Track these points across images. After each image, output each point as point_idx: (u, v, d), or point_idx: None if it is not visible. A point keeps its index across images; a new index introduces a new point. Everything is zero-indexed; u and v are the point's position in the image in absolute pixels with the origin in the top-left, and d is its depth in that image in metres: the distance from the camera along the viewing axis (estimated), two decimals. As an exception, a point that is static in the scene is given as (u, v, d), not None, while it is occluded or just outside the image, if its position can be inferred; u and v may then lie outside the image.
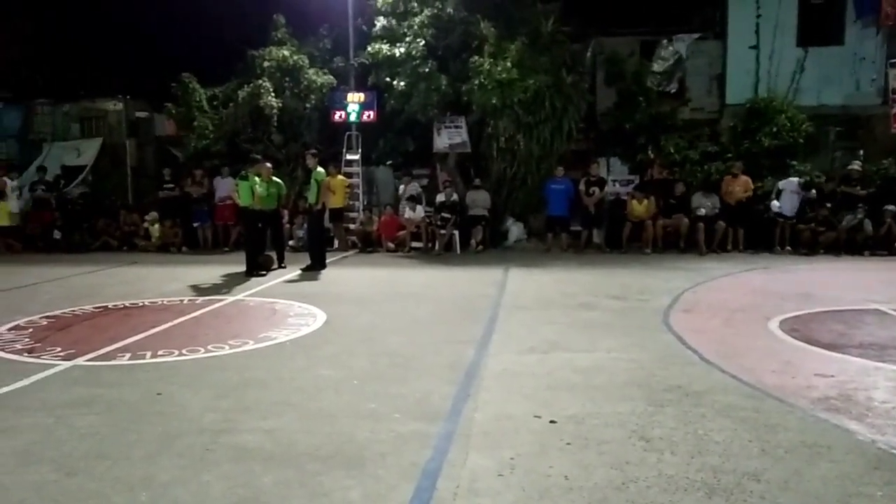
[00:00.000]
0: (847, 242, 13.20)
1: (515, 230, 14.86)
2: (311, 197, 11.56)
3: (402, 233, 14.45)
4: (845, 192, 13.54)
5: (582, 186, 13.95)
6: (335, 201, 13.52)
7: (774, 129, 14.34)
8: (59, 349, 6.19)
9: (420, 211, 14.35)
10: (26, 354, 6.04)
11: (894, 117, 14.64)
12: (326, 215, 12.85)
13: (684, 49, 15.61)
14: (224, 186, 14.60)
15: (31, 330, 7.04)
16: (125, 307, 8.32)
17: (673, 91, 15.52)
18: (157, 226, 14.83)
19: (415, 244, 14.38)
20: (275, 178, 11.65)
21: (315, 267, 11.40)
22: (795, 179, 13.57)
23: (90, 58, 19.00)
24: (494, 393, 4.86)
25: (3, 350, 6.21)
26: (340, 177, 14.16)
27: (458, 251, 13.99)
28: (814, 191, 13.51)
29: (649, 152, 15.01)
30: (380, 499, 3.25)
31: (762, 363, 5.55)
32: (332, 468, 3.59)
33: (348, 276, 11.23)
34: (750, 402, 4.59)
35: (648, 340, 6.40)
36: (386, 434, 4.06)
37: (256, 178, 11.13)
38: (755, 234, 13.64)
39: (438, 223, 14.17)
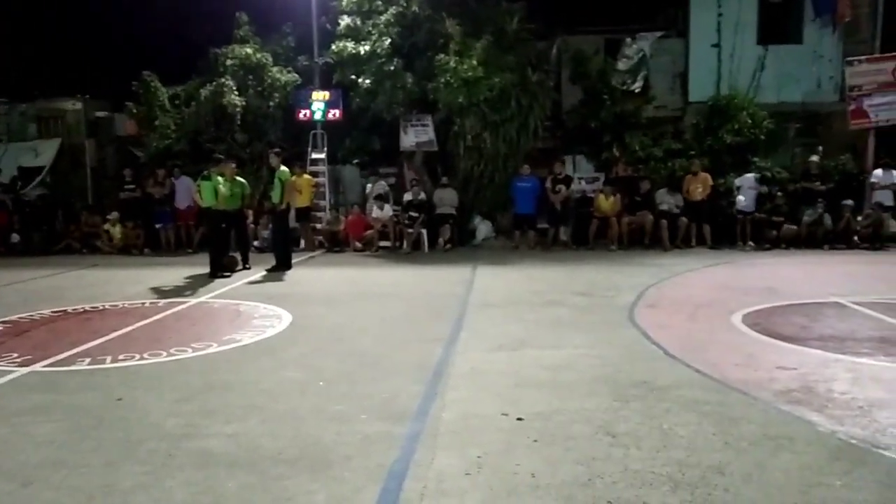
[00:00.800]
0: (807, 237, 13.48)
1: (483, 228, 14.88)
2: (276, 196, 11.40)
3: (369, 232, 14.37)
4: (805, 187, 13.82)
5: (549, 184, 14.03)
6: (301, 201, 13.41)
7: (736, 126, 14.56)
8: (15, 355, 6.02)
9: (388, 210, 14.30)
10: (-19, 361, 5.87)
11: (851, 114, 14.97)
12: (292, 215, 12.73)
13: (648, 47, 15.76)
14: (182, 187, 14.36)
15: (-14, 336, 6.85)
16: (85, 311, 8.14)
17: (637, 89, 15.66)
18: (118, 227, 14.55)
19: (382, 243, 14.32)
20: (238, 178, 11.50)
21: (280, 267, 11.28)
22: (751, 175, 13.83)
23: (47, 56, 18.57)
24: (462, 392, 4.85)
25: (-44, 357, 6.02)
26: (306, 176, 14.05)
27: (426, 250, 13.96)
28: (765, 186, 13.75)
29: (614, 150, 15.15)
30: (345, 502, 3.22)
31: (726, 357, 5.63)
32: (296, 472, 3.54)
33: (315, 276, 11.13)
34: (714, 396, 4.64)
35: (614, 336, 6.45)
36: (352, 436, 4.02)
37: (220, 178, 10.97)
38: (718, 229, 13.85)
39: (406, 222, 14.13)
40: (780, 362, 5.43)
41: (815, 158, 14.15)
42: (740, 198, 13.69)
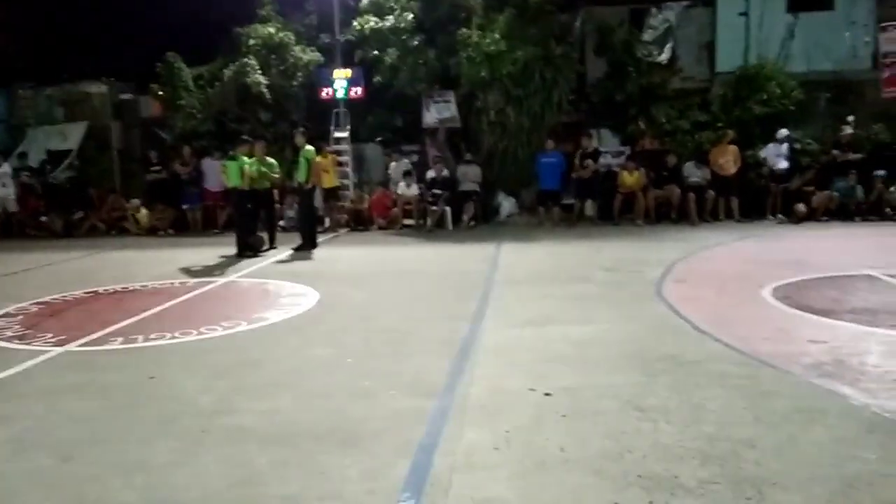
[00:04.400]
0: (839, 208, 13.23)
1: (507, 205, 14.81)
2: (301, 175, 11.44)
3: (394, 210, 14.39)
4: (838, 157, 13.53)
5: (577, 160, 13.88)
6: (329, 181, 13.43)
7: (765, 97, 14.26)
8: (50, 335, 6.15)
9: (414, 188, 14.27)
10: (17, 341, 5.99)
11: (884, 82, 14.58)
12: (318, 194, 12.77)
13: (674, 17, 15.42)
14: (210, 168, 14.45)
15: (21, 317, 6.99)
16: (116, 291, 8.27)
17: (663, 61, 15.37)
18: (143, 211, 14.70)
19: (406, 221, 14.32)
20: (269, 158, 11.57)
21: (306, 246, 11.34)
22: (772, 145, 13.56)
23: (72, 40, 18.68)
24: (489, 367, 4.86)
25: (-6, 337, 6.16)
26: (332, 155, 14.06)
27: (451, 227, 13.94)
28: (786, 145, 13.45)
29: (640, 123, 14.94)
30: (377, 476, 3.25)
31: (755, 331, 5.57)
32: (328, 447, 3.59)
33: (340, 254, 11.19)
34: (744, 370, 4.60)
35: (642, 311, 6.41)
36: (381, 411, 4.05)
37: (245, 158, 11.02)
38: (747, 202, 13.65)
39: (430, 199, 14.11)
40: (811, 336, 5.36)
41: (848, 129, 13.84)
42: (779, 159, 13.37)
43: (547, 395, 4.23)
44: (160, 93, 15.97)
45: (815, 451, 3.36)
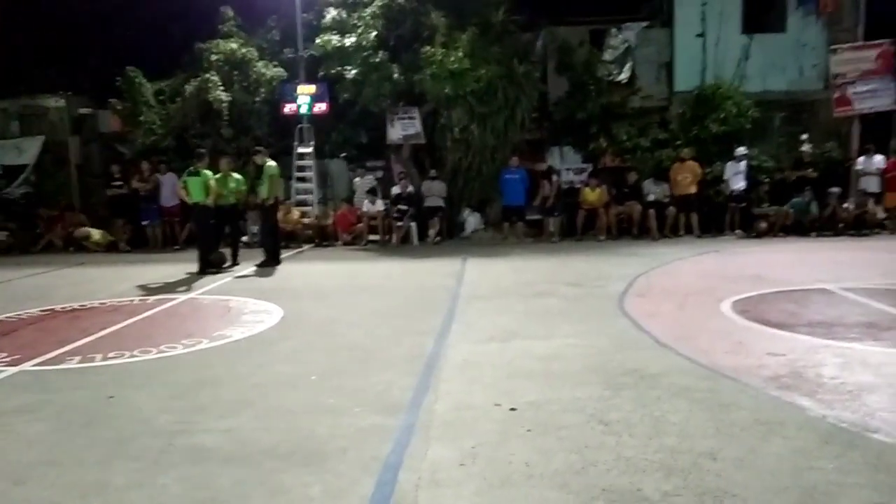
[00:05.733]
0: (794, 224, 13.58)
1: (472, 220, 14.89)
2: (265, 191, 11.36)
3: (358, 226, 14.35)
4: (799, 175, 13.88)
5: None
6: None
7: (722, 116, 14.64)
8: (4, 354, 5.97)
9: (379, 204, 14.26)
10: (-31, 361, 5.82)
11: (836, 101, 15.07)
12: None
13: (633, 38, 15.77)
14: (168, 183, 14.24)
15: (-27, 336, 6.78)
16: (74, 309, 8.08)
17: (623, 80, 15.68)
18: (95, 233, 14.38)
19: (371, 237, 14.30)
20: (234, 174, 11.49)
21: (270, 262, 11.24)
22: (730, 163, 13.87)
23: (29, 53, 18.34)
24: (454, 383, 4.85)
25: (-57, 357, 5.96)
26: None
27: (416, 243, 13.96)
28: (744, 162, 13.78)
29: (601, 141, 15.19)
30: (341, 494, 3.22)
31: (716, 344, 5.67)
32: (291, 465, 3.54)
33: (304, 270, 11.11)
34: (705, 383, 4.67)
35: (605, 326, 6.48)
36: (346, 429, 4.02)
37: (209, 173, 10.90)
38: (706, 218, 13.93)
39: (395, 215, 14.11)
40: (769, 348, 5.47)
41: (806, 147, 14.23)
42: (736, 181, 13.67)
43: (512, 410, 4.24)
44: (120, 108, 15.74)
45: (775, 462, 3.42)
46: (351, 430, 3.99)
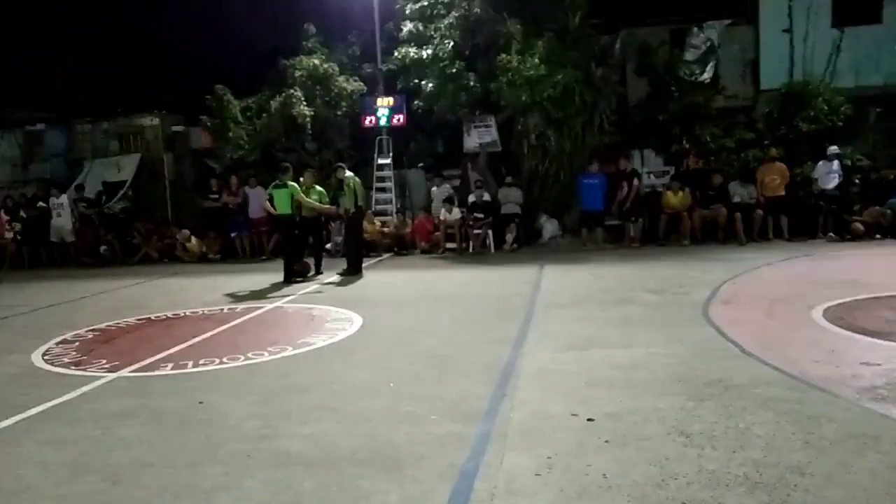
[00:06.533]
0: (892, 226, 12.85)
1: (549, 227, 14.75)
2: (347, 202, 11.66)
3: (436, 234, 14.48)
4: (889, 175, 13.17)
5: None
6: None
7: (812, 114, 14.03)
8: (104, 361, 6.35)
9: (456, 212, 14.35)
10: (73, 367, 6.21)
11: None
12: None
13: (716, 36, 15.33)
14: (255, 197, 14.78)
15: (77, 343, 7.23)
16: (167, 318, 8.50)
17: (706, 80, 15.25)
18: (193, 240, 15.06)
19: (449, 245, 14.40)
20: (317, 187, 11.86)
21: (352, 271, 11.49)
22: (821, 163, 13.27)
23: (126, 75, 19.44)
24: (531, 392, 4.84)
25: (51, 364, 6.39)
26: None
27: (493, 250, 13.96)
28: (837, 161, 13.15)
29: (684, 143, 14.81)
30: (418, 501, 3.27)
31: (805, 353, 5.44)
32: (370, 471, 3.62)
33: (384, 279, 11.30)
34: (793, 394, 4.50)
35: (688, 334, 6.32)
36: (423, 436, 4.08)
37: (296, 185, 11.26)
38: (797, 221, 13.36)
39: (472, 223, 14.17)
40: (863, 358, 5.21)
41: None
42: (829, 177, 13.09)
43: (590, 420, 4.20)
44: (209, 124, 16.46)
45: (868, 478, 3.26)
46: (428, 438, 4.04)
